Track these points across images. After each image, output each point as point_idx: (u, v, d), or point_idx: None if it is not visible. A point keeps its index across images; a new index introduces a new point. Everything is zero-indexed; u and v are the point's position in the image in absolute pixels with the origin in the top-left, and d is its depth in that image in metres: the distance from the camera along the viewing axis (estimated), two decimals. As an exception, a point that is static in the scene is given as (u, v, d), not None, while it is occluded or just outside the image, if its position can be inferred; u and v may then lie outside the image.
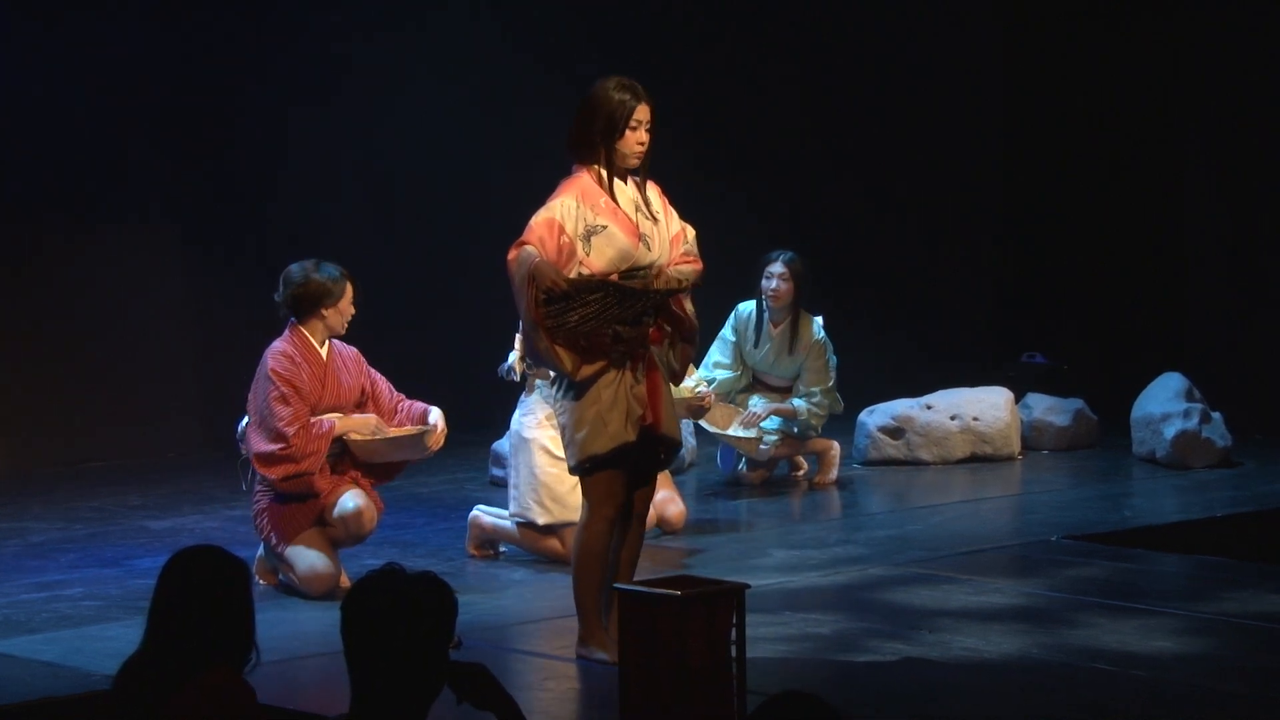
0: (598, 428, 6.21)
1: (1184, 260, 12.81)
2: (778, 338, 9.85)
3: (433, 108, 11.71)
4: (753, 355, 9.92)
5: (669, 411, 6.38)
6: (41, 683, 6.20)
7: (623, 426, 6.22)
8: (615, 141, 6.30)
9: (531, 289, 6.11)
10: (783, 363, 9.89)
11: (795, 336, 9.81)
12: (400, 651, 3.68)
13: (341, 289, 7.56)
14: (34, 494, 9.80)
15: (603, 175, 6.32)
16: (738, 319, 9.91)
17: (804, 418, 9.81)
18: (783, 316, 9.83)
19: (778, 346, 9.86)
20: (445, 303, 11.62)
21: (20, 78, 10.56)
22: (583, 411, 6.22)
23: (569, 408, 6.27)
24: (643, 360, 6.30)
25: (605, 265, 6.21)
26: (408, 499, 9.07)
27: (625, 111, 6.28)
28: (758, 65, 12.97)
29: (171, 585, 4.18)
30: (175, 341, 11.13)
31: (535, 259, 6.11)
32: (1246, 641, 6.69)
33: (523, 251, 6.16)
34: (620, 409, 6.22)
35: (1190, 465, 10.30)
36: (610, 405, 6.21)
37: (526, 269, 6.12)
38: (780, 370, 9.92)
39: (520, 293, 6.16)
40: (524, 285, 6.14)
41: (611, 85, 6.32)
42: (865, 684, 6.18)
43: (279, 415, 7.37)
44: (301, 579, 7.39)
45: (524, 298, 6.15)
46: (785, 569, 7.91)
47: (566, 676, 6.28)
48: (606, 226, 6.23)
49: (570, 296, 6.10)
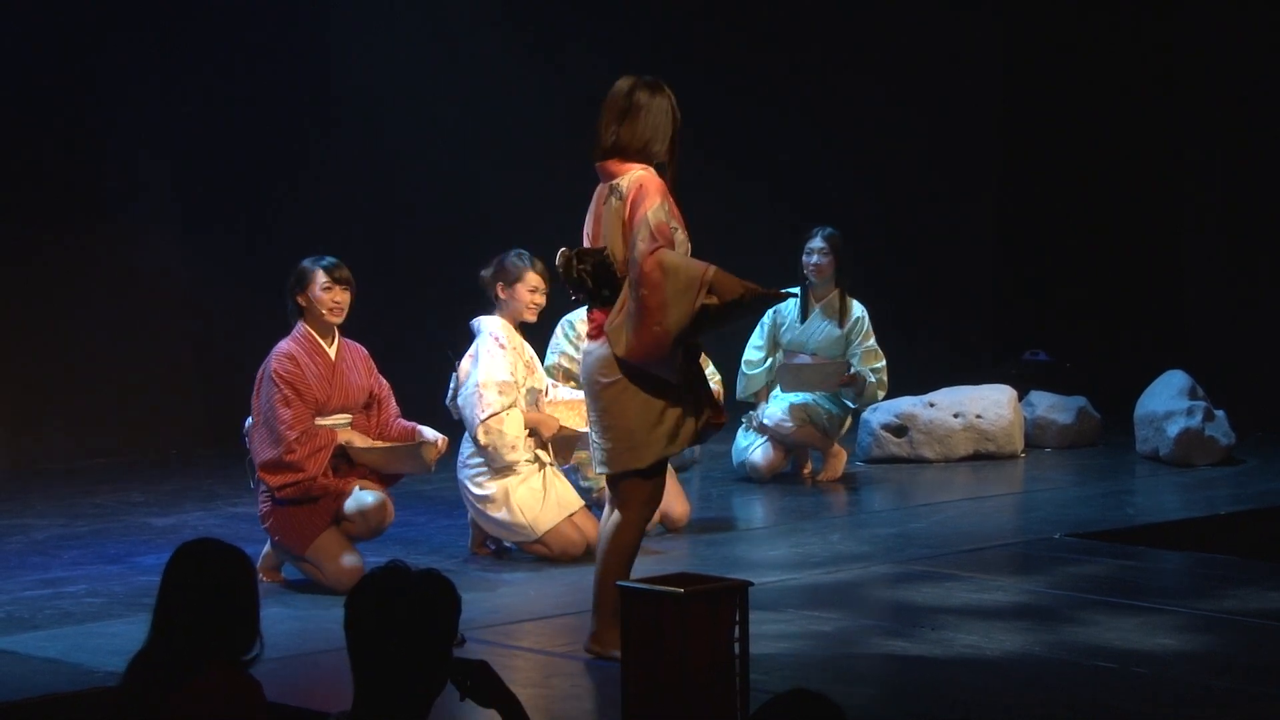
0: (673, 427, 6.22)
1: (1186, 258, 12.82)
2: (821, 312, 9.91)
3: (437, 106, 11.71)
4: (790, 330, 9.95)
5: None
6: (44, 679, 6.20)
7: (694, 428, 6.29)
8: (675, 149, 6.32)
9: (700, 297, 6.07)
10: (822, 340, 9.92)
11: (844, 310, 9.90)
12: (404, 649, 3.68)
13: (311, 274, 7.54)
14: (37, 491, 9.81)
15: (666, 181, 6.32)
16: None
17: (871, 384, 9.85)
18: (826, 291, 9.92)
19: (821, 321, 9.89)
20: (449, 303, 11.59)
21: (21, 78, 10.57)
22: (661, 410, 6.21)
23: (643, 407, 6.21)
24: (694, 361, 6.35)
25: None
26: (411, 497, 9.07)
27: (678, 115, 6.35)
28: (757, 64, 12.97)
29: (176, 579, 4.19)
30: (178, 338, 11.13)
31: (711, 268, 6.09)
32: (1249, 639, 6.70)
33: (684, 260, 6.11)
34: (696, 411, 6.27)
35: (1193, 463, 10.30)
36: (691, 407, 6.25)
37: (699, 276, 6.07)
38: (823, 349, 9.94)
39: (677, 299, 6.08)
40: (689, 287, 6.06)
41: (666, 95, 6.31)
42: (868, 681, 6.18)
43: (281, 418, 7.37)
44: (333, 577, 7.38)
45: (683, 305, 6.07)
46: (788, 566, 7.92)
47: (569, 674, 6.29)
48: (677, 229, 6.23)
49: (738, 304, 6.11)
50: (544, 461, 8.13)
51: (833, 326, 9.94)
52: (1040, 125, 13.19)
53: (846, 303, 9.94)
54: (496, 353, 7.98)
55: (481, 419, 7.92)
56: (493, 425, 7.91)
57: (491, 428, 7.92)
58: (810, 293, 9.95)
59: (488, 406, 7.91)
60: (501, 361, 7.96)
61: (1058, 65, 13.04)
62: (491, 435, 7.92)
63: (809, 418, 9.89)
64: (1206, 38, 12.47)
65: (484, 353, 7.99)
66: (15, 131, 10.57)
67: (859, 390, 9.92)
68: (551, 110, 11.65)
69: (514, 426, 7.95)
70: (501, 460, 7.96)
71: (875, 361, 9.96)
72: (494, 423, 7.91)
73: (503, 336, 8.03)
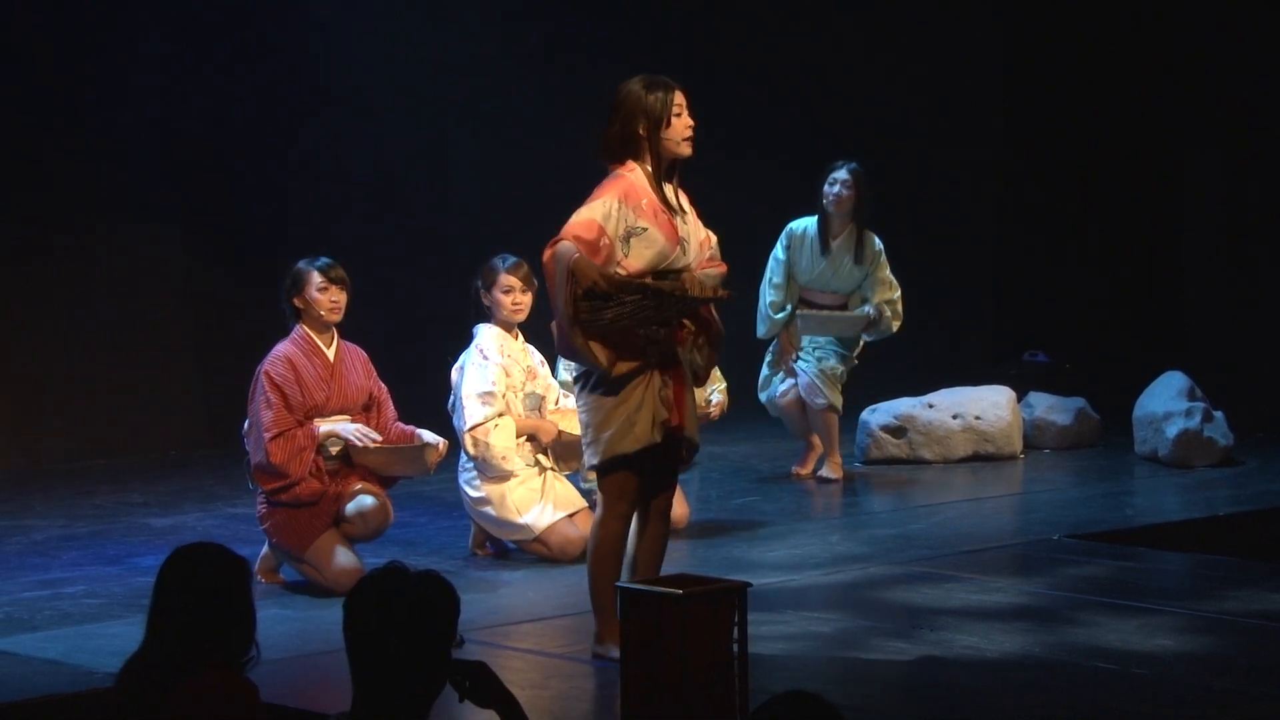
0: (625, 428, 6.21)
1: (1186, 259, 12.82)
2: (840, 246, 9.85)
3: (435, 108, 11.71)
4: (810, 269, 9.89)
5: (692, 413, 6.40)
6: (43, 680, 6.20)
7: (649, 428, 6.23)
8: (663, 132, 6.29)
9: (570, 285, 6.10)
10: (843, 274, 9.88)
11: (860, 245, 9.83)
12: (402, 650, 3.68)
13: (307, 275, 7.54)
14: (36, 491, 9.81)
15: (649, 173, 6.31)
16: (790, 236, 9.92)
17: (887, 317, 9.83)
18: (844, 225, 9.86)
19: (839, 256, 9.85)
20: (446, 303, 11.59)
21: (21, 78, 10.57)
22: (611, 410, 6.22)
23: (595, 405, 6.26)
24: (671, 363, 6.30)
25: (642, 266, 6.22)
26: (410, 498, 9.08)
27: (666, 101, 6.29)
28: (757, 64, 12.97)
29: (171, 583, 4.18)
30: (178, 339, 11.14)
31: (575, 255, 6.10)
32: (1248, 640, 6.69)
33: (560, 247, 6.13)
34: (648, 410, 6.22)
35: (1192, 464, 10.30)
36: (638, 406, 6.21)
37: (566, 264, 6.10)
38: (839, 283, 9.90)
39: (560, 288, 6.15)
40: (564, 280, 6.11)
41: (642, 84, 6.32)
42: (867, 682, 6.18)
43: (263, 421, 7.40)
44: (333, 578, 7.38)
45: (562, 293, 6.13)
46: (787, 567, 7.92)
47: (568, 675, 6.28)
48: (647, 229, 6.22)
49: (609, 295, 6.10)
50: (544, 466, 8.15)
51: (850, 263, 9.88)
52: (1040, 125, 13.18)
53: (866, 238, 9.87)
54: (480, 364, 8.05)
55: (465, 429, 8.00)
56: (478, 436, 7.98)
57: (478, 439, 7.99)
58: (827, 226, 9.87)
59: (470, 418, 8.00)
60: (483, 373, 8.01)
61: (1058, 64, 13.03)
62: (479, 447, 7.99)
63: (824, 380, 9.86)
64: (1206, 38, 12.46)
65: (469, 365, 8.08)
66: (15, 131, 10.57)
67: (878, 327, 9.90)
68: (552, 110, 11.65)
69: (502, 437, 8.00)
70: (493, 470, 8.03)
71: (890, 293, 9.90)
72: (479, 433, 7.98)
73: (491, 347, 8.07)
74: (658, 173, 6.32)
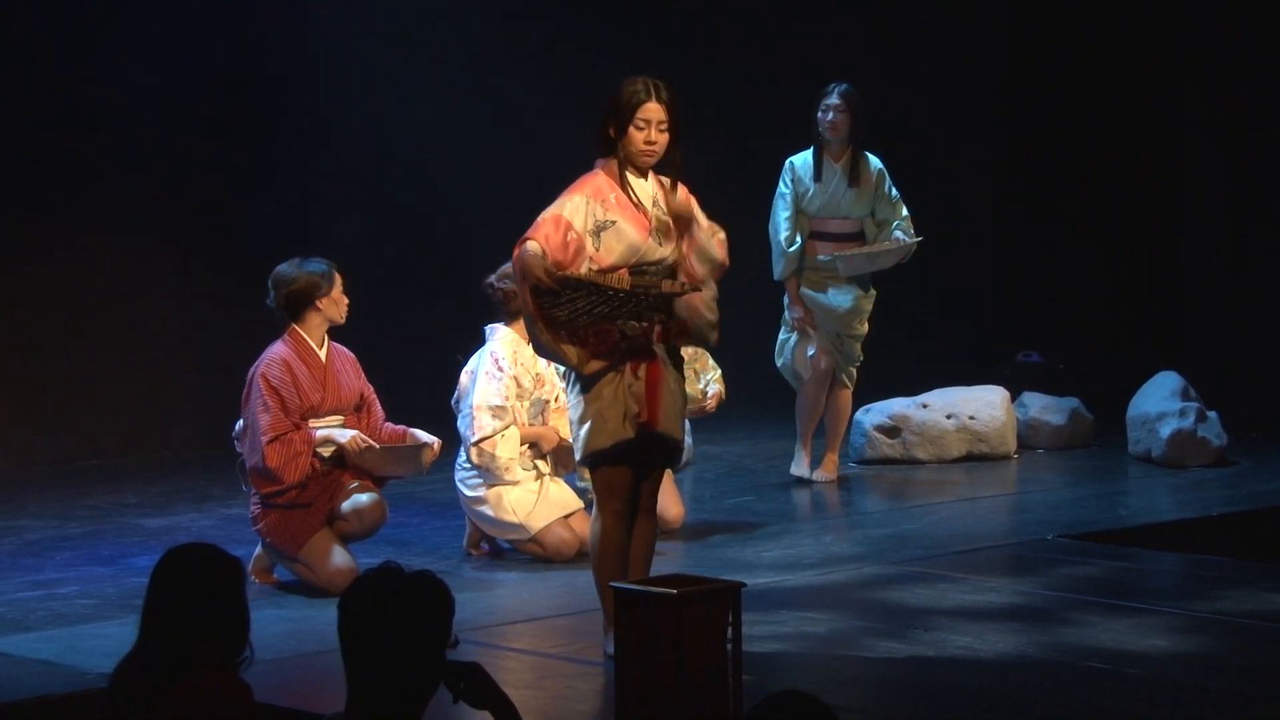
0: (598, 424, 6.25)
1: (1180, 259, 12.82)
2: (839, 171, 9.75)
3: (430, 109, 11.69)
4: (814, 199, 9.78)
5: (669, 411, 6.36)
6: (37, 681, 6.20)
7: (620, 424, 6.25)
8: (622, 138, 6.30)
9: (524, 283, 6.15)
10: (847, 199, 9.77)
11: (855, 168, 9.72)
12: (397, 650, 3.68)
13: (331, 279, 7.59)
14: (30, 492, 9.80)
15: (615, 171, 6.32)
16: (792, 170, 9.83)
17: (912, 235, 9.77)
18: (841, 149, 9.76)
19: (839, 181, 9.75)
20: (441, 303, 11.61)
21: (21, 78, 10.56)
22: (585, 407, 6.28)
23: (575, 402, 6.34)
24: (645, 359, 6.30)
25: (616, 260, 6.23)
26: (405, 498, 9.07)
27: (632, 105, 6.29)
28: (757, 64, 12.96)
29: (164, 583, 4.18)
30: (171, 340, 11.12)
31: (528, 255, 6.13)
32: (1241, 639, 6.70)
33: (524, 248, 6.17)
34: (618, 407, 6.24)
35: (1186, 464, 10.30)
36: (610, 402, 6.24)
37: (518, 263, 6.16)
38: (845, 209, 9.79)
39: (521, 281, 6.19)
40: (519, 279, 6.19)
41: (624, 85, 6.34)
42: (861, 682, 6.18)
43: (260, 424, 7.40)
44: (327, 578, 7.37)
45: (523, 292, 6.20)
46: (781, 568, 7.92)
47: (563, 675, 6.28)
48: (616, 222, 6.24)
49: (556, 293, 6.12)
50: (541, 472, 8.17)
51: (847, 184, 9.74)
52: (1039, 124, 13.17)
53: (865, 160, 9.78)
54: (495, 375, 8.03)
55: (473, 441, 8.01)
56: (485, 448, 8.00)
57: (484, 450, 8.01)
58: (825, 152, 9.79)
59: (480, 430, 8.01)
60: (497, 385, 8.01)
61: (1058, 64, 13.02)
62: (484, 458, 8.02)
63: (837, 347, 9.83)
64: (1206, 38, 12.47)
65: (482, 373, 8.06)
66: (15, 131, 10.56)
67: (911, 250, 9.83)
68: (551, 110, 11.63)
69: (508, 449, 8.03)
70: (496, 480, 8.05)
71: (902, 209, 9.83)
72: (486, 445, 8.00)
73: (505, 357, 8.06)
74: (623, 170, 6.33)
